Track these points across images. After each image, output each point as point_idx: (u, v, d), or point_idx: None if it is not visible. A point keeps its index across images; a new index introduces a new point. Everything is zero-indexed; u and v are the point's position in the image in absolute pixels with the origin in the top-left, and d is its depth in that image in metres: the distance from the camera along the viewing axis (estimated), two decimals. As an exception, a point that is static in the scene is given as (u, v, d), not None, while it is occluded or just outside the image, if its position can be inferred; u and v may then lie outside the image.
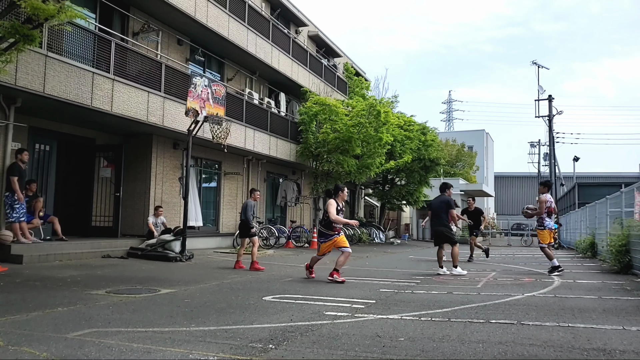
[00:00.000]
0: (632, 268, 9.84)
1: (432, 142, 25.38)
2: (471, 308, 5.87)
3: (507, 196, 61.64)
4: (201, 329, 4.52)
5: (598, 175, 53.31)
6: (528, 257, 15.68)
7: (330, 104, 18.55)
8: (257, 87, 18.86)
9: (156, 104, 12.17)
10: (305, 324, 4.85)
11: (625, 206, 11.31)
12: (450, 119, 75.03)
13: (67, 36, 9.91)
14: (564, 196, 34.35)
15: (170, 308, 5.53)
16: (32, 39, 7.37)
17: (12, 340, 3.93)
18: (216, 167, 16.37)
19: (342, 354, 3.81)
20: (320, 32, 24.03)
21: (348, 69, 26.66)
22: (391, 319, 5.17)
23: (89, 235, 12.58)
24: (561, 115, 37.07)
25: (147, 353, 3.70)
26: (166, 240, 11.25)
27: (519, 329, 4.72)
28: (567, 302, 6.38)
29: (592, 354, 3.89)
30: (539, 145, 43.98)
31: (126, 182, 13.00)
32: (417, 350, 3.96)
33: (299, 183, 20.69)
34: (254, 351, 3.83)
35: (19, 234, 9.56)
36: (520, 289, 7.56)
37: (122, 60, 11.36)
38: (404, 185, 26.36)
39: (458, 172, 39.97)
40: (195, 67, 15.68)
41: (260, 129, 16.74)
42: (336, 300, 6.33)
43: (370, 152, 19.41)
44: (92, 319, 4.85)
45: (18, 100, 9.83)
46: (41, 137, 11.62)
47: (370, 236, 24.09)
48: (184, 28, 14.57)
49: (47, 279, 7.49)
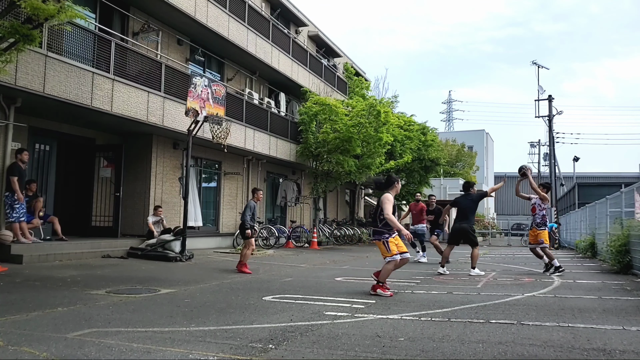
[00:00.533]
0: (632, 268, 9.84)
1: (432, 142, 25.40)
2: (471, 308, 5.87)
3: (507, 196, 61.54)
4: (201, 329, 4.52)
5: (598, 175, 53.32)
6: (528, 257, 15.67)
7: (330, 104, 18.55)
8: (257, 87, 18.86)
9: (156, 104, 12.17)
10: (305, 324, 4.85)
11: (625, 206, 11.31)
12: (450, 119, 75.09)
13: (67, 36, 9.91)
14: (564, 196, 34.36)
15: (170, 308, 5.53)
16: (32, 39, 7.36)
17: (12, 340, 3.93)
18: (216, 167, 16.36)
19: (342, 354, 3.80)
20: (320, 32, 24.03)
21: (348, 69, 26.66)
22: (391, 319, 5.17)
23: (88, 235, 12.57)
24: (561, 115, 37.08)
25: (147, 353, 3.70)
26: (166, 240, 11.25)
27: (519, 329, 4.72)
28: (567, 302, 6.38)
29: (592, 354, 3.89)
30: (539, 145, 44.03)
31: (126, 182, 13.00)
32: (417, 350, 3.96)
33: (299, 183, 20.68)
34: (254, 351, 3.83)
35: (19, 234, 9.56)
36: (520, 289, 7.56)
37: (122, 60, 11.35)
38: (404, 185, 26.36)
39: (458, 172, 39.99)
40: (195, 67, 15.68)
41: (260, 129, 16.74)
42: (336, 300, 6.33)
43: (370, 152, 19.41)
44: (92, 319, 4.85)
45: (18, 100, 9.82)
46: (41, 137, 11.62)
47: (370, 236, 24.08)
48: (184, 28, 14.57)
49: (47, 279, 7.49)
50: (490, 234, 32.36)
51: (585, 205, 19.42)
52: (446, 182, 34.88)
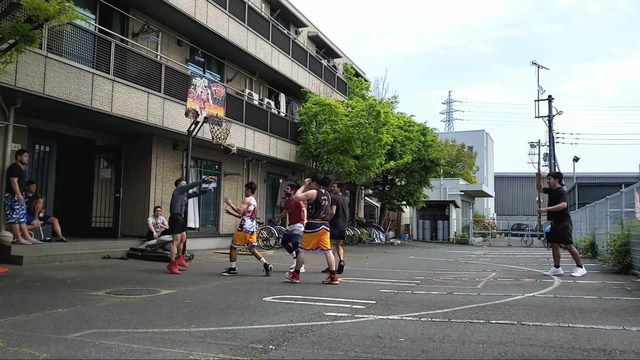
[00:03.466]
0: (632, 268, 9.83)
1: (432, 143, 25.36)
2: (471, 308, 5.87)
3: (507, 196, 61.63)
4: (201, 330, 4.52)
5: (598, 176, 53.28)
6: (528, 258, 15.68)
7: (330, 105, 18.56)
8: (257, 87, 18.86)
9: (156, 104, 12.18)
10: (306, 324, 4.85)
11: (625, 206, 11.30)
12: (450, 120, 75.02)
13: (67, 37, 9.92)
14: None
15: (170, 309, 5.53)
16: (32, 39, 7.37)
17: (12, 341, 3.93)
18: (216, 168, 16.37)
19: (342, 354, 3.80)
20: (320, 32, 24.03)
21: (348, 70, 26.66)
22: (391, 319, 5.17)
23: (89, 236, 12.58)
24: (561, 115, 37.14)
25: (147, 354, 3.70)
26: (166, 241, 11.25)
27: (519, 330, 4.72)
28: (567, 303, 6.37)
29: (592, 354, 3.89)
30: (539, 146, 44.00)
31: (126, 183, 13.00)
32: (418, 350, 3.96)
33: (299, 184, 20.68)
34: (254, 352, 3.83)
35: (19, 235, 9.56)
36: (520, 290, 7.55)
37: (122, 61, 11.36)
38: (404, 185, 26.35)
39: (458, 173, 39.94)
40: (195, 67, 15.68)
41: (260, 129, 16.74)
42: (336, 300, 6.32)
43: (370, 152, 19.40)
44: (92, 319, 4.85)
45: (18, 101, 9.83)
46: (41, 138, 11.62)
47: (370, 236, 24.08)
48: (184, 29, 14.58)
49: (47, 279, 7.49)
50: (490, 234, 32.35)
51: (585, 205, 19.42)
52: (446, 182, 34.86)
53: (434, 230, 31.67)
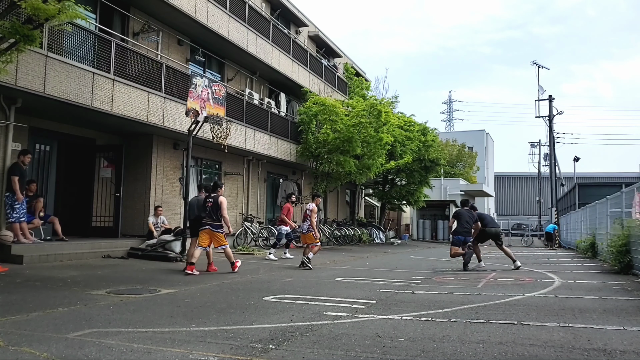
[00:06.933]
0: (633, 268, 9.83)
1: (433, 143, 25.38)
2: (471, 308, 5.87)
3: (508, 196, 61.65)
4: (201, 329, 4.52)
5: (598, 176, 53.28)
6: (528, 257, 15.67)
7: (330, 104, 18.55)
8: (257, 87, 18.86)
9: (156, 104, 12.17)
10: (306, 324, 4.85)
11: (625, 206, 11.30)
12: (450, 119, 74.96)
13: (68, 36, 9.91)
14: (564, 196, 34.34)
15: (170, 308, 5.53)
16: (33, 39, 7.36)
17: (13, 341, 3.93)
18: (216, 167, 16.37)
19: (342, 354, 3.81)
20: (321, 32, 24.03)
21: (348, 69, 26.65)
22: (391, 319, 5.17)
23: (89, 235, 12.57)
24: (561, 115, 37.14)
25: (148, 353, 3.70)
26: (166, 241, 11.25)
27: (520, 329, 4.72)
28: (567, 303, 6.38)
29: (592, 354, 3.89)
30: (539, 146, 44.04)
31: (126, 182, 13.00)
32: (418, 350, 3.96)
33: (299, 183, 20.68)
34: (254, 351, 3.83)
35: (20, 234, 9.56)
36: (520, 289, 7.55)
37: (123, 60, 11.36)
38: (404, 185, 26.35)
39: (458, 173, 39.96)
40: (195, 67, 15.68)
41: (260, 129, 16.73)
42: (336, 300, 6.33)
43: (370, 152, 19.39)
44: (92, 319, 4.85)
45: (18, 100, 9.83)
46: (41, 138, 11.62)
47: (371, 236, 24.07)
48: (184, 28, 14.57)
49: (48, 279, 7.49)
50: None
51: (585, 205, 19.42)
52: (446, 182, 34.86)
53: (434, 230, 31.70)
